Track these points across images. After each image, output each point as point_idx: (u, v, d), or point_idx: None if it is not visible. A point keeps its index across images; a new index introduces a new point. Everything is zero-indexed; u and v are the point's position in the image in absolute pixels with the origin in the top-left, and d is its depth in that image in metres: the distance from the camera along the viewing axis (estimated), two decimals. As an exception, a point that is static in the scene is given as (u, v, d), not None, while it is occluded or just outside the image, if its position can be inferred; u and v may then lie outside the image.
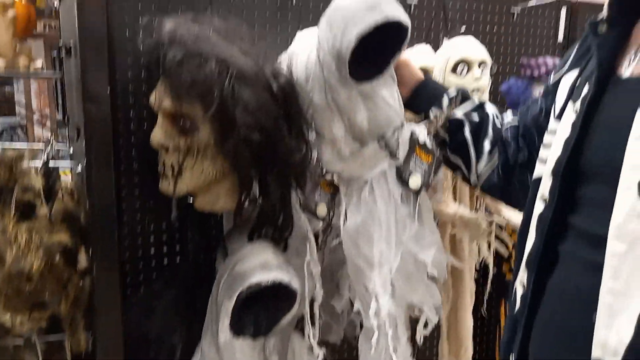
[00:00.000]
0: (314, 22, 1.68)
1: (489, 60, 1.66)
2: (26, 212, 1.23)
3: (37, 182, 1.20)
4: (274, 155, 1.24)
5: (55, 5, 1.59)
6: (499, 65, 2.03)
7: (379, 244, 1.42)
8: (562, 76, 1.03)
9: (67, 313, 1.24)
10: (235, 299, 1.27)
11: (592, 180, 0.89)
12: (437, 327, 2.01)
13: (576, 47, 1.04)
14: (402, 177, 1.42)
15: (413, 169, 1.40)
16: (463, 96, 1.33)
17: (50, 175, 1.34)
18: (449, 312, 1.93)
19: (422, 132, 1.33)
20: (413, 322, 1.61)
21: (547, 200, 0.94)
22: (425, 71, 1.69)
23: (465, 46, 1.64)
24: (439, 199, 1.70)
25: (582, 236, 0.89)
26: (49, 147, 1.40)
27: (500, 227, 1.84)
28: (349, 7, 1.17)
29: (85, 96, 1.22)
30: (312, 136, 1.45)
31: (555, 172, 0.93)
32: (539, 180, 0.98)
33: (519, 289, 0.99)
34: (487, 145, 1.26)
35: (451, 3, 1.87)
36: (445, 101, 1.33)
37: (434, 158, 1.33)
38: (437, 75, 1.66)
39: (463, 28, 1.79)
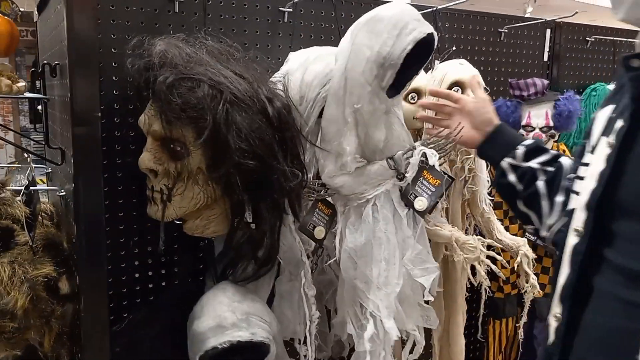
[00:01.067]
0: (305, 39, 1.68)
1: (482, 83, 1.65)
2: (5, 240, 1.16)
3: (21, 210, 1.13)
4: (268, 181, 1.20)
5: (22, 9, 1.52)
6: (487, 83, 2.04)
7: (380, 264, 1.41)
8: (598, 113, 1.01)
9: (52, 350, 1.17)
10: None
11: (628, 215, 0.87)
12: (428, 347, 2.00)
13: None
14: (407, 198, 1.42)
15: (420, 191, 1.40)
16: (539, 147, 1.27)
17: (31, 199, 1.28)
18: (441, 333, 1.91)
19: (432, 156, 1.32)
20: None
21: (581, 233, 0.92)
22: (418, 92, 1.69)
23: (459, 69, 1.63)
24: (435, 221, 1.68)
25: (618, 271, 0.88)
26: (29, 170, 1.33)
27: (489, 247, 1.83)
28: (397, 17, 1.24)
29: (74, 118, 1.16)
30: (311, 151, 1.43)
31: (589, 205, 0.91)
32: (572, 211, 0.97)
33: (553, 321, 0.98)
34: (560, 198, 1.19)
35: (440, 23, 1.86)
36: (520, 152, 1.25)
37: (443, 181, 1.32)
38: (431, 97, 1.64)
39: (453, 48, 1.79)
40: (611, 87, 2.17)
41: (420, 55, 1.31)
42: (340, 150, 1.34)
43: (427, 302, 1.55)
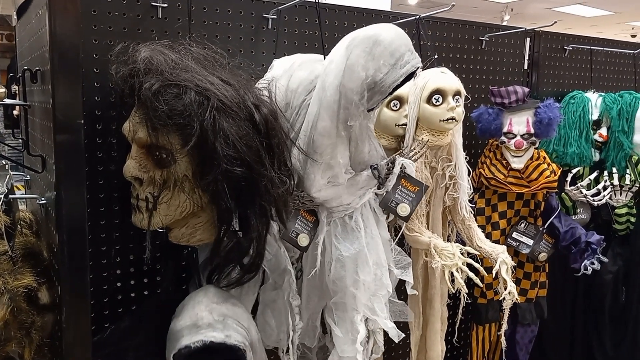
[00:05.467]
0: (290, 46, 1.68)
1: (463, 91, 1.67)
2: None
3: (1, 219, 1.10)
4: (255, 188, 1.20)
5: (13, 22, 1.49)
6: (468, 91, 2.06)
7: (372, 269, 1.45)
8: None
9: (32, 362, 1.13)
10: None
11: None
12: (407, 351, 2.00)
13: None
14: (388, 206, 1.46)
15: (400, 198, 1.46)
16: None
17: (10, 208, 1.25)
18: (418, 338, 1.92)
19: (410, 165, 1.36)
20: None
21: None
22: (400, 99, 1.70)
23: (440, 77, 1.64)
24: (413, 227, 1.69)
25: None
26: (7, 178, 1.30)
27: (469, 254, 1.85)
28: (395, 45, 1.27)
29: (56, 125, 1.13)
30: (295, 163, 1.43)
31: None
32: None
33: None
34: None
35: (422, 31, 1.87)
36: None
37: (422, 188, 1.36)
38: (412, 104, 1.66)
39: (435, 56, 1.80)
40: (589, 95, 2.21)
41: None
42: (333, 164, 1.35)
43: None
